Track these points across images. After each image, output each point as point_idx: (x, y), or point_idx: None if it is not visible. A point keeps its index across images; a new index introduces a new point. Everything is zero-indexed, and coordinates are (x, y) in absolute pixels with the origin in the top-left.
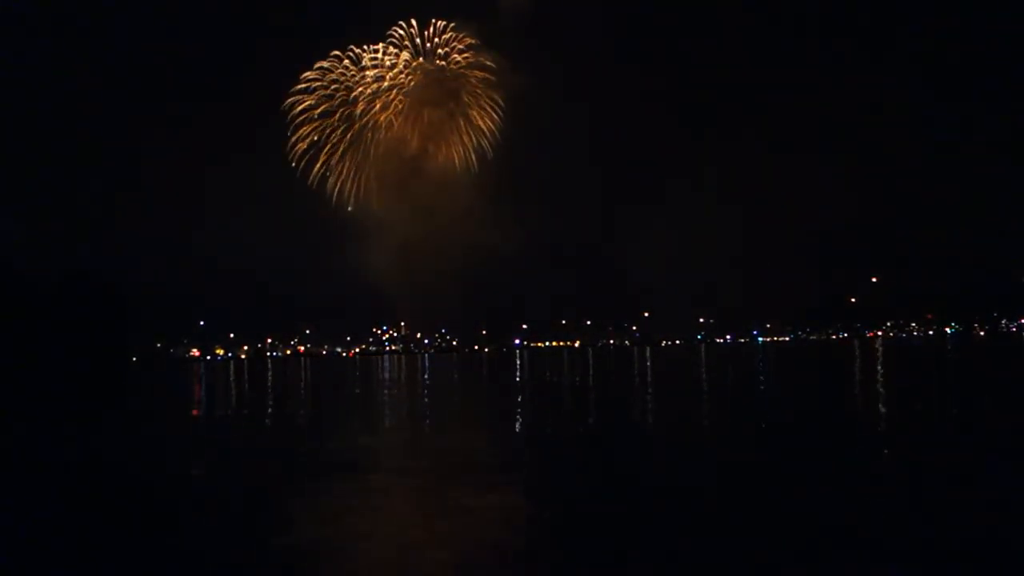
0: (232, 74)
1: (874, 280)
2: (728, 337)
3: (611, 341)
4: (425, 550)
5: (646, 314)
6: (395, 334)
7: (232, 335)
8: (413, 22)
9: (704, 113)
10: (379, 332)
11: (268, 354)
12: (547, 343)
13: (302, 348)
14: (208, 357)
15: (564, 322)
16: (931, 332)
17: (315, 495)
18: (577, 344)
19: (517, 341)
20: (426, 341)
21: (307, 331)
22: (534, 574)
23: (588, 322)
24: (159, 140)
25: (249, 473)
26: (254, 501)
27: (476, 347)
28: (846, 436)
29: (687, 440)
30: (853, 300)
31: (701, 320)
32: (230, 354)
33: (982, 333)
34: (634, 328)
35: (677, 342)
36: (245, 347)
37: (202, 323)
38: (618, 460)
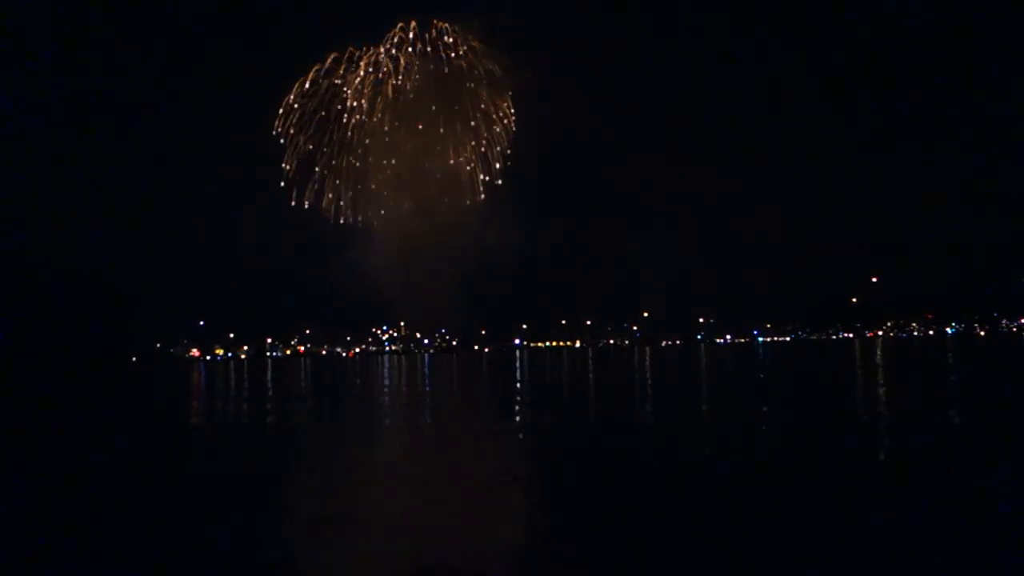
0: (232, 75)
1: (874, 280)
2: (728, 337)
3: (611, 341)
4: None
5: (646, 314)
6: (395, 334)
7: (232, 335)
8: (413, 23)
9: (703, 112)
10: (379, 332)
11: (268, 354)
12: (547, 343)
13: (302, 348)
14: (208, 357)
15: (564, 322)
16: (931, 332)
17: None
18: (577, 344)
19: (517, 341)
20: (426, 341)
21: (307, 331)
22: None
23: (588, 322)
24: (159, 141)
25: None
26: None
27: (476, 347)
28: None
29: None
30: (853, 300)
31: (701, 320)
32: (230, 354)
33: (982, 333)
34: (634, 328)
35: (677, 342)
36: (245, 347)
37: (202, 323)
38: None
